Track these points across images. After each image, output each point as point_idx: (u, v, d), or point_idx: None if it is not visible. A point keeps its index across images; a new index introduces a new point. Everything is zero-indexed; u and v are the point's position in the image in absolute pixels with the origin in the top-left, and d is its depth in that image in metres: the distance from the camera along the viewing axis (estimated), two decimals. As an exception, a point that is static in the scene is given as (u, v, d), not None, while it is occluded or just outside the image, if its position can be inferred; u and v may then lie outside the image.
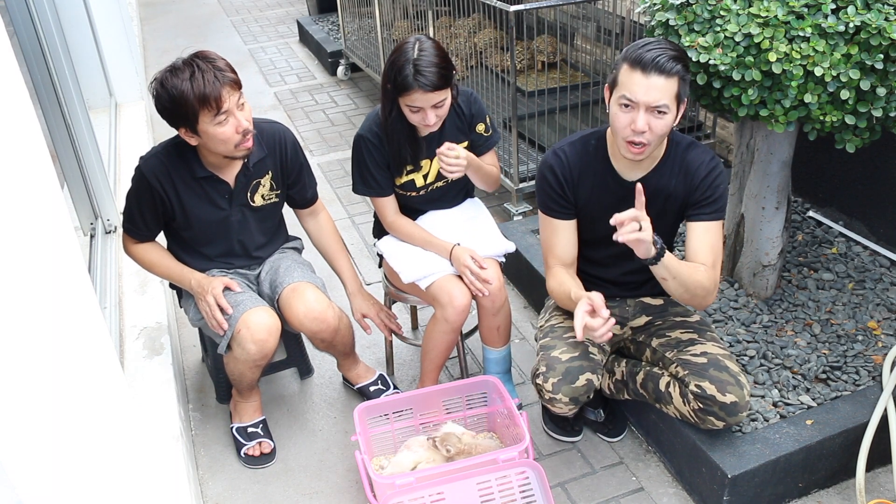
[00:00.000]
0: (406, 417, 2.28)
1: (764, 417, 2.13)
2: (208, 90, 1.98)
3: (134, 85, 4.76)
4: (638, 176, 2.01)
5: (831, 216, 2.97)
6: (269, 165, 2.27)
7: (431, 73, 2.07)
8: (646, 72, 1.82)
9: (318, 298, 2.26)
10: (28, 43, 2.76)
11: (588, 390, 2.00)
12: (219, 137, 2.05)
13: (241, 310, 2.16)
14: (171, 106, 2.01)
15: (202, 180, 2.19)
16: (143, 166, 2.17)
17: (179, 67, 2.01)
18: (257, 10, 7.90)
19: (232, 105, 2.03)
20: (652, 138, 1.87)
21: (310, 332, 2.28)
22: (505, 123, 3.70)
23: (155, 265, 2.29)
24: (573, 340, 2.06)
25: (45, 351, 1.09)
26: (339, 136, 4.74)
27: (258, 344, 2.14)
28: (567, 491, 2.21)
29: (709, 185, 1.98)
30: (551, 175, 2.05)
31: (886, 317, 2.47)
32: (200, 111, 1.99)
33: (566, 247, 2.11)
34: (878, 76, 1.91)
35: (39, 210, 1.19)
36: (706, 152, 2.01)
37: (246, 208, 2.29)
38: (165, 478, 2.03)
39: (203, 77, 1.98)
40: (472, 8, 3.64)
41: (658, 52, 1.82)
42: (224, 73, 2.02)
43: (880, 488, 2.15)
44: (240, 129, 2.06)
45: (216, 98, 1.99)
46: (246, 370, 2.24)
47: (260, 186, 2.28)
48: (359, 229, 3.66)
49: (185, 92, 1.97)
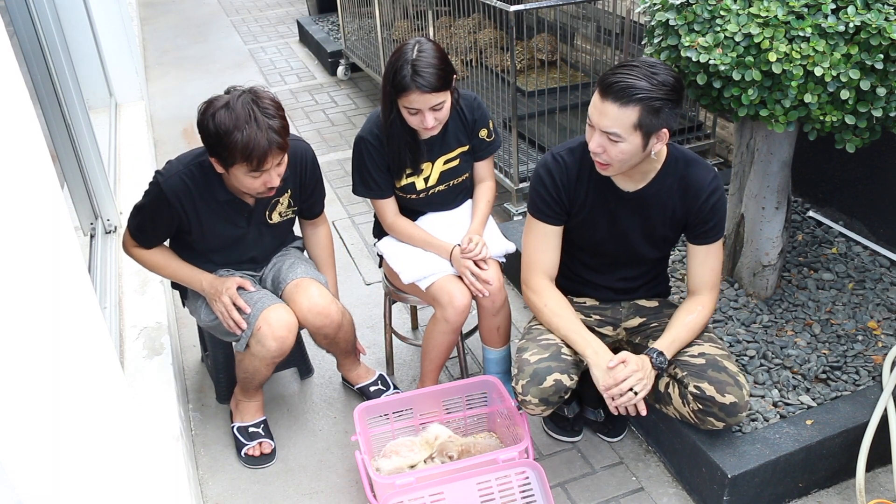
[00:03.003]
0: (406, 417, 2.28)
1: (764, 417, 2.13)
2: (254, 150, 1.93)
3: (134, 85, 4.76)
4: (635, 188, 2.00)
5: (831, 216, 2.97)
6: (289, 185, 2.25)
7: (429, 74, 2.07)
8: (603, 96, 1.81)
9: (322, 294, 2.26)
10: (28, 43, 2.76)
11: (557, 391, 1.98)
12: (245, 185, 2.03)
13: (261, 307, 2.16)
14: (213, 141, 1.96)
15: (224, 202, 2.17)
16: (163, 184, 2.10)
17: (236, 108, 1.93)
18: (257, 9, 7.90)
19: (272, 166, 2.00)
20: (610, 160, 1.87)
21: (313, 328, 2.28)
22: (505, 123, 3.70)
23: (161, 267, 2.26)
24: (546, 342, 2.05)
25: (45, 351, 1.09)
26: (339, 136, 4.74)
27: (279, 341, 2.14)
28: (567, 491, 2.21)
29: (710, 209, 1.98)
30: (548, 178, 2.04)
31: (886, 317, 2.47)
32: (239, 161, 1.96)
33: (551, 255, 2.11)
34: (878, 76, 1.91)
35: (39, 210, 1.19)
36: (707, 171, 1.99)
37: (263, 226, 2.28)
38: (165, 478, 2.03)
39: (255, 135, 1.92)
40: (472, 8, 3.64)
41: (624, 78, 1.77)
42: (275, 137, 1.96)
43: (880, 488, 2.15)
44: (268, 184, 2.04)
45: (259, 159, 1.95)
46: (262, 367, 2.24)
47: (278, 205, 2.28)
48: (359, 229, 3.66)
49: (232, 140, 1.92)
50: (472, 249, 2.24)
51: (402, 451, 2.16)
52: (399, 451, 2.17)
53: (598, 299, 2.23)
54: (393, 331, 2.65)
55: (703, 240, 2.03)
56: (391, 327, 2.64)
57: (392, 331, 2.65)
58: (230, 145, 1.93)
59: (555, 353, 2.02)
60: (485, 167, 2.44)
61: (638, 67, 1.79)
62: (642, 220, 2.04)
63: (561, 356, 2.01)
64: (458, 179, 2.40)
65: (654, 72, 1.79)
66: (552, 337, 2.07)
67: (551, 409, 2.03)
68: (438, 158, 2.33)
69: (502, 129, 3.68)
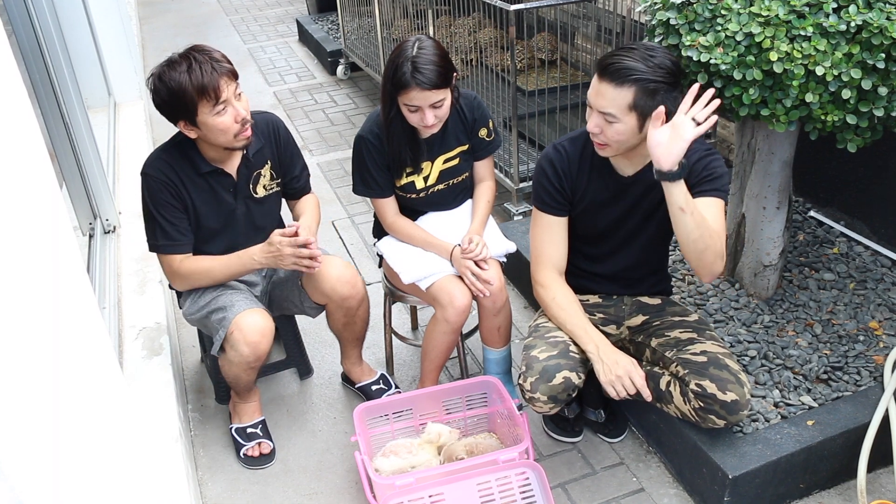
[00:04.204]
0: (406, 418, 2.28)
1: (765, 418, 2.12)
2: (206, 81, 1.99)
3: (133, 84, 4.75)
4: (633, 171, 2.03)
5: (832, 216, 2.96)
6: (267, 155, 2.28)
7: (429, 71, 2.07)
8: (600, 76, 1.85)
9: (348, 266, 2.33)
10: (27, 42, 2.76)
11: (566, 388, 1.99)
12: (218, 128, 2.06)
13: (235, 311, 2.15)
14: (170, 99, 2.02)
15: (207, 175, 2.18)
16: (148, 170, 2.16)
17: (176, 61, 2.03)
18: (257, 9, 7.90)
19: (230, 95, 2.05)
20: (608, 141, 1.91)
21: (340, 298, 2.29)
22: (505, 123, 3.69)
23: (212, 270, 2.21)
24: (554, 339, 2.06)
25: (44, 351, 1.08)
26: (339, 136, 4.73)
27: (251, 346, 2.13)
28: (567, 492, 2.21)
29: (704, 166, 1.98)
30: (550, 168, 2.07)
31: (888, 317, 2.46)
32: (199, 102, 2.01)
33: (559, 247, 2.12)
34: (879, 75, 1.90)
35: (38, 210, 1.19)
36: (699, 142, 1.99)
37: (250, 200, 2.28)
38: (165, 478, 2.02)
39: (200, 68, 2.00)
40: (472, 7, 3.63)
41: (621, 60, 1.81)
42: (221, 64, 2.04)
43: (881, 489, 2.14)
44: (238, 118, 2.07)
45: (214, 88, 2.00)
46: (241, 373, 2.23)
47: (261, 177, 2.29)
48: (359, 229, 3.65)
49: (183, 84, 1.99)
50: (472, 250, 2.23)
51: (401, 453, 2.15)
52: (398, 451, 2.16)
53: (601, 295, 2.23)
54: (393, 331, 2.65)
55: (700, 193, 1.94)
56: (391, 327, 2.63)
57: (392, 331, 2.64)
58: (183, 91, 1.99)
59: (563, 350, 2.03)
60: (485, 167, 2.43)
61: (636, 50, 1.84)
62: (642, 202, 2.06)
63: (569, 354, 2.03)
64: (457, 179, 2.39)
65: (651, 54, 1.83)
66: (560, 334, 2.08)
67: (559, 406, 2.04)
68: (438, 157, 2.33)
69: (502, 128, 3.68)
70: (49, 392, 1.07)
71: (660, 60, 1.83)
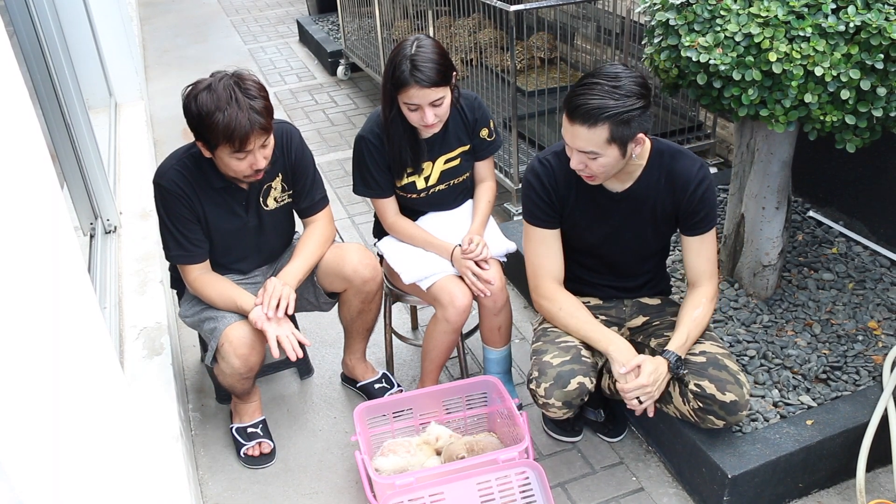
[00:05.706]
0: (406, 417, 2.28)
1: (764, 417, 2.13)
2: (235, 130, 1.93)
3: (134, 85, 4.76)
4: (622, 187, 2.02)
5: (831, 216, 2.97)
6: (279, 167, 2.25)
7: (428, 69, 2.07)
8: (570, 119, 1.84)
9: (367, 251, 2.33)
10: (28, 43, 2.76)
11: (580, 394, 1.99)
12: (231, 167, 2.04)
13: (225, 323, 2.14)
14: (197, 124, 1.98)
15: (220, 189, 2.17)
16: (162, 180, 2.12)
17: (217, 90, 1.95)
18: (257, 9, 7.90)
19: (255, 147, 2.00)
20: (594, 173, 1.91)
21: (361, 280, 2.28)
22: (505, 123, 3.70)
23: (214, 302, 2.19)
24: (565, 344, 2.05)
25: (45, 351, 1.09)
26: (339, 136, 4.74)
27: (241, 358, 2.13)
28: (567, 491, 2.21)
29: (699, 199, 1.99)
30: (537, 182, 2.05)
31: (887, 317, 2.47)
32: (221, 143, 1.97)
33: (554, 258, 2.12)
34: (878, 76, 1.91)
35: (39, 210, 1.19)
36: (693, 162, 2.01)
37: (261, 212, 2.28)
38: (165, 478, 2.03)
39: (237, 115, 1.93)
40: (472, 8, 3.64)
41: (587, 101, 1.78)
42: (257, 118, 1.96)
43: (881, 488, 2.14)
44: (255, 167, 2.04)
45: (241, 140, 1.95)
46: (235, 382, 2.24)
47: (272, 190, 2.27)
48: (359, 229, 3.66)
49: (214, 121, 1.93)
50: (472, 250, 2.24)
51: (400, 452, 2.16)
52: (396, 450, 2.16)
53: (601, 298, 2.23)
54: (393, 331, 2.65)
55: (695, 230, 2.04)
56: (391, 327, 2.63)
57: (392, 331, 2.64)
58: (212, 126, 1.94)
59: (575, 355, 2.02)
60: (485, 167, 2.44)
61: (599, 85, 1.80)
62: (634, 218, 2.05)
63: (581, 358, 2.02)
64: (458, 179, 2.39)
65: (616, 86, 1.79)
66: (570, 339, 2.07)
67: (572, 412, 2.03)
68: (439, 158, 2.33)
69: (502, 128, 3.68)
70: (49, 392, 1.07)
71: (626, 89, 1.79)
